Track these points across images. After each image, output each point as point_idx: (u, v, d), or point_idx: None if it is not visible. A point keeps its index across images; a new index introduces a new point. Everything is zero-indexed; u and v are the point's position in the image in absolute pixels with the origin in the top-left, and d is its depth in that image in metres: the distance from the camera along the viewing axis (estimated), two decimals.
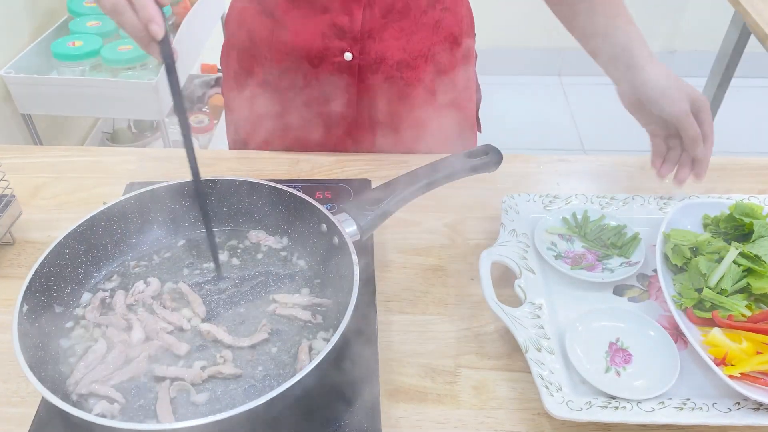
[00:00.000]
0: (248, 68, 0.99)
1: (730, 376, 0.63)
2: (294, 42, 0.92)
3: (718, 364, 0.65)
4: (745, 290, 0.73)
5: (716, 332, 0.68)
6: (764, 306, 0.72)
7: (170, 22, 1.91)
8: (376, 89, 0.95)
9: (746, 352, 0.66)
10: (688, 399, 0.64)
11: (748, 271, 0.73)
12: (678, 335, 0.72)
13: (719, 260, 0.74)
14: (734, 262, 0.73)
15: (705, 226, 0.82)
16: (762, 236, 0.76)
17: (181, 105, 0.66)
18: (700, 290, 0.72)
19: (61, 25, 1.83)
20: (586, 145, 2.76)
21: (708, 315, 0.71)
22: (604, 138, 2.77)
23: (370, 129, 0.99)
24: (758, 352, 0.66)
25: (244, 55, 0.99)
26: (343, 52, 0.91)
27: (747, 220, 0.78)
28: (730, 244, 0.75)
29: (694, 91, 0.82)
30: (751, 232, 0.77)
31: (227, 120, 1.13)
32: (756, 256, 0.74)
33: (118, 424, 0.53)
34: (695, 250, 0.77)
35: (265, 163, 1.00)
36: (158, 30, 0.61)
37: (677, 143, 0.85)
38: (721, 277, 0.72)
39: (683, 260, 0.75)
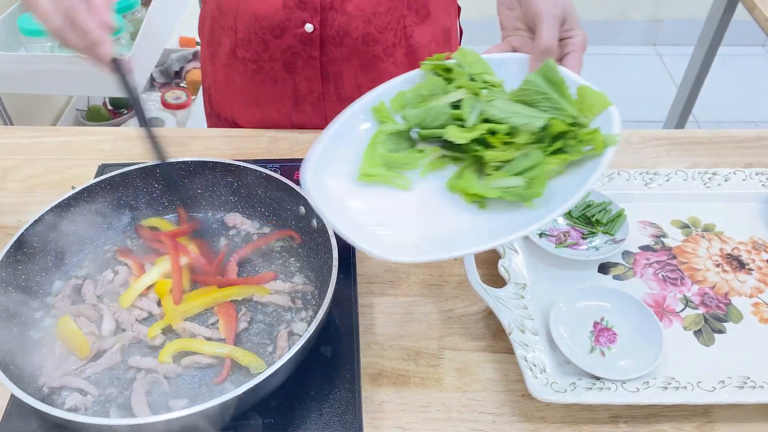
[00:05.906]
0: (218, 38, 0.96)
1: None
2: (258, 11, 0.88)
3: None
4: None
5: None
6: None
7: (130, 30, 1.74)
8: (340, 63, 0.91)
9: None
10: (673, 378, 0.63)
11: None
12: (663, 313, 0.71)
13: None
14: None
15: None
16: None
17: (141, 114, 0.67)
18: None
19: None
20: None
21: None
22: None
23: (339, 104, 0.96)
24: None
25: (215, 25, 0.96)
26: (304, 23, 0.87)
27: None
28: None
29: (574, 12, 0.69)
30: None
31: (203, 89, 1.10)
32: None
33: (90, 420, 0.51)
34: None
35: (242, 141, 0.97)
36: (106, 53, 0.62)
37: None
38: None
39: None
